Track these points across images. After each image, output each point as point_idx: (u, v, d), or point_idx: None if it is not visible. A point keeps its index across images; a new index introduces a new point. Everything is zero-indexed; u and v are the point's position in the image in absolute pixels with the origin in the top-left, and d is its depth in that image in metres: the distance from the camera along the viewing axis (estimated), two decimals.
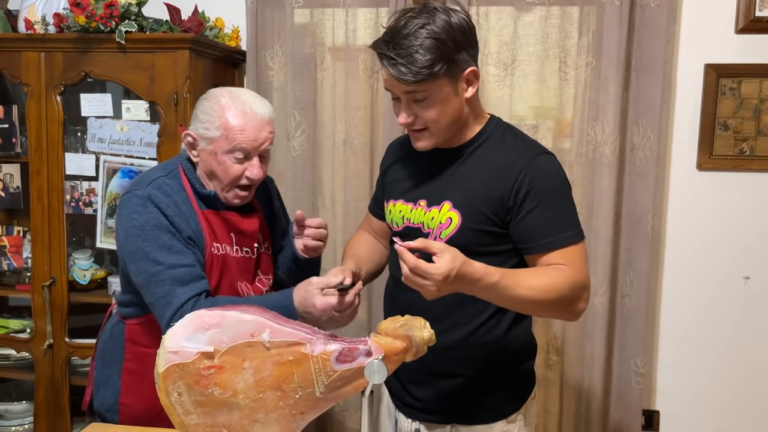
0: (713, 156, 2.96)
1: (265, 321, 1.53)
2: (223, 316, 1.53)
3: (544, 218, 1.73)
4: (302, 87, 3.14)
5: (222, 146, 1.90)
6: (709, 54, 2.93)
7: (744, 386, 3.07)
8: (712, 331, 3.07)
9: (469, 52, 1.72)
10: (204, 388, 1.53)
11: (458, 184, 1.81)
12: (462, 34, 1.69)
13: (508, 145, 1.81)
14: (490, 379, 1.86)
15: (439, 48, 1.64)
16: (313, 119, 3.16)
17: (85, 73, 2.76)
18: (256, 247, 2.06)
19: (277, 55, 3.15)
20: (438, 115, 1.73)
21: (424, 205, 1.85)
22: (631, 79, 2.91)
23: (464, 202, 1.78)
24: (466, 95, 1.76)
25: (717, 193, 3.00)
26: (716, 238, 3.02)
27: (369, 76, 3.10)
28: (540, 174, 1.74)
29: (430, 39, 1.64)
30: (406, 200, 1.91)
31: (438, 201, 1.81)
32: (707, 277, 3.03)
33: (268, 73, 3.16)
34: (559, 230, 1.73)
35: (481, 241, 1.76)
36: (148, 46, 2.71)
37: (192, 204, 1.96)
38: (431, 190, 1.85)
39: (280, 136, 3.18)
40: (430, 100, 1.71)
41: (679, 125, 2.99)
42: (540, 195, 1.73)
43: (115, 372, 2.05)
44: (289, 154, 3.17)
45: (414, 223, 1.87)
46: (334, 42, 3.13)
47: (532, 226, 1.74)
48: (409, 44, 1.64)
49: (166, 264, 1.84)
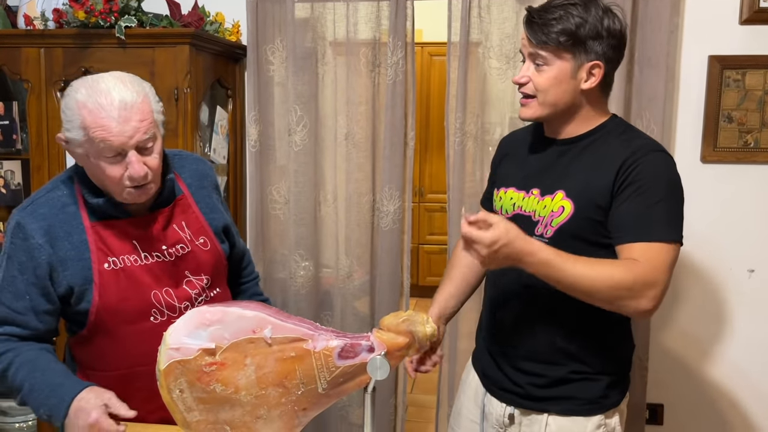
0: (717, 148, 2.96)
1: (267, 317, 1.53)
2: (224, 312, 1.54)
3: (639, 210, 1.73)
4: (303, 82, 3.13)
5: (89, 148, 1.68)
6: (713, 45, 2.92)
7: (749, 380, 3.08)
8: (717, 325, 3.07)
9: (604, 49, 1.77)
10: (206, 384, 1.53)
11: (573, 174, 1.83)
12: (606, 30, 1.76)
13: (626, 141, 1.82)
14: (594, 371, 1.87)
15: (577, 25, 1.73)
16: (314, 114, 3.16)
17: (85, 68, 2.75)
18: (165, 249, 1.85)
19: (278, 50, 3.15)
20: (548, 85, 1.78)
21: (537, 194, 1.87)
22: (634, 72, 2.88)
23: (577, 191, 1.80)
24: (583, 86, 1.79)
25: (721, 185, 2.99)
26: (721, 231, 3.01)
27: (370, 71, 3.10)
28: (649, 168, 1.74)
29: (574, 15, 1.73)
30: (518, 188, 1.93)
31: (551, 190, 1.84)
32: (712, 270, 3.02)
33: (268, 68, 3.16)
34: (650, 225, 1.72)
35: (593, 230, 1.78)
36: (148, 41, 2.72)
37: (81, 218, 1.78)
38: (545, 180, 1.87)
39: (281, 131, 3.20)
40: (546, 68, 1.77)
41: (682, 117, 2.99)
42: (642, 187, 1.73)
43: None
44: (291, 149, 3.17)
45: (525, 210, 1.89)
46: (335, 36, 3.12)
47: (626, 215, 1.74)
48: (555, 12, 1.74)
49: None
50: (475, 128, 3.02)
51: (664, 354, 3.11)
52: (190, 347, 1.51)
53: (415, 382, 4.60)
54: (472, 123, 3.02)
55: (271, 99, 3.18)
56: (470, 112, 3.01)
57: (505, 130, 2.96)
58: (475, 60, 3.00)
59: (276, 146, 3.21)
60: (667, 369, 3.11)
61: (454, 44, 3.00)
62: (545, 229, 1.83)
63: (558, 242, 1.75)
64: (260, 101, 3.17)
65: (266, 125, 3.20)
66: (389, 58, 3.02)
